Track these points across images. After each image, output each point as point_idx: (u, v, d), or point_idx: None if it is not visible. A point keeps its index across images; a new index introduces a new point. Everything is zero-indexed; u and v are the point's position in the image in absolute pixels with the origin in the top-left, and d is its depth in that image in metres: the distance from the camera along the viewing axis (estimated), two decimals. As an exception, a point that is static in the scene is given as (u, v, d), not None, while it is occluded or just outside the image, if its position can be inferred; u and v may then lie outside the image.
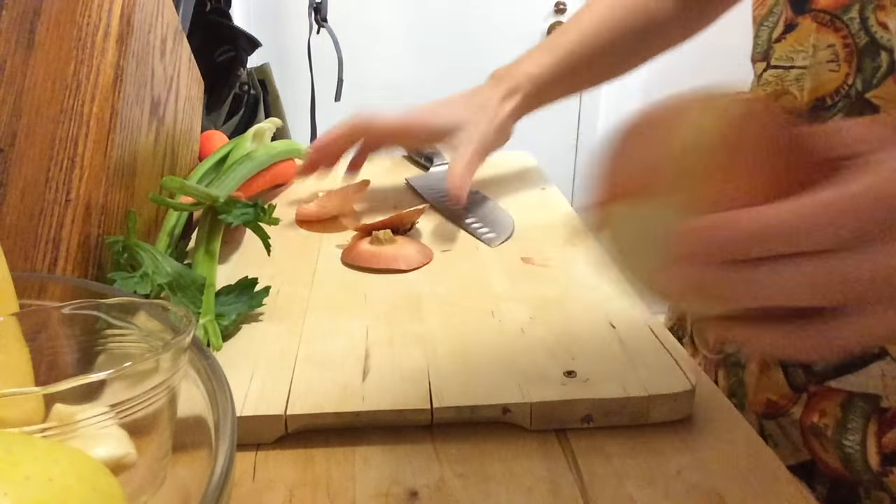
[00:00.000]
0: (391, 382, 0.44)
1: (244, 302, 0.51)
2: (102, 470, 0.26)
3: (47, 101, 0.50)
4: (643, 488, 0.37)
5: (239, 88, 1.21)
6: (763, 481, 0.38)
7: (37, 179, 0.49)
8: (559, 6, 2.14)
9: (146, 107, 0.60)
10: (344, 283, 0.57)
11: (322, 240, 0.66)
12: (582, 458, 0.40)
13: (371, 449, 0.40)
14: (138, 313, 0.35)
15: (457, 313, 0.52)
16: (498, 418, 0.42)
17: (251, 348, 0.48)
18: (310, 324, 0.51)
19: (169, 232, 0.61)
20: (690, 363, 0.46)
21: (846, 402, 0.50)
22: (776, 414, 0.55)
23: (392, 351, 0.47)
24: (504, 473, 0.39)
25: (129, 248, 0.52)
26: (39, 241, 0.47)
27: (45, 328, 0.34)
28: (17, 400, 0.29)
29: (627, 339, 0.48)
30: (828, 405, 0.51)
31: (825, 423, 0.51)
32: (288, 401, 0.42)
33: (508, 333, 0.49)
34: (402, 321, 0.51)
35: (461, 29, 2.11)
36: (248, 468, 0.39)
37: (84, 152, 0.50)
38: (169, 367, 0.30)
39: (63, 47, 0.52)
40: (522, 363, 0.45)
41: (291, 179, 0.83)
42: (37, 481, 0.23)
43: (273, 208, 0.58)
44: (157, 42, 0.62)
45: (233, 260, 0.62)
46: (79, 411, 0.28)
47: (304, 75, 1.66)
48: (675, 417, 0.42)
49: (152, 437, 0.31)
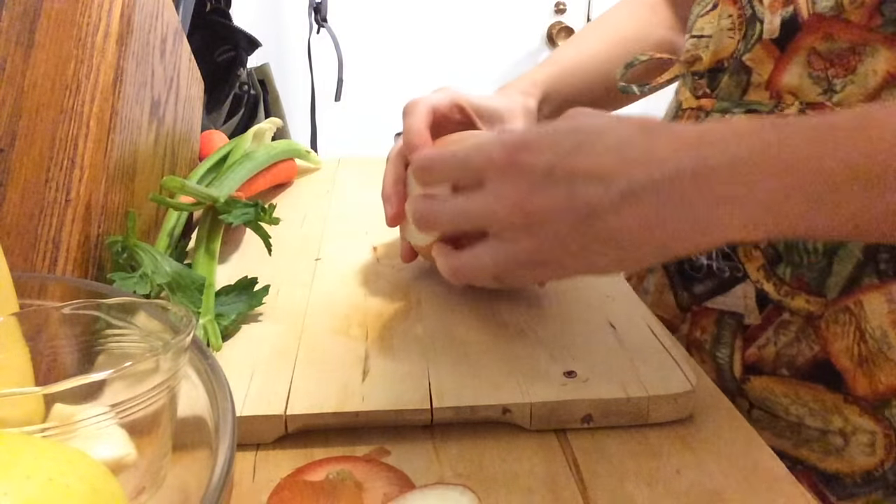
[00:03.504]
0: (391, 382, 0.44)
1: (244, 302, 0.51)
2: (102, 470, 0.26)
3: (47, 101, 0.50)
4: (643, 488, 0.37)
5: (239, 88, 1.21)
6: (763, 481, 0.38)
7: (37, 179, 0.49)
8: (559, 6, 2.14)
9: (146, 107, 0.60)
10: (344, 283, 0.57)
11: (322, 239, 0.66)
12: (582, 458, 0.40)
13: (371, 449, 0.40)
14: (138, 313, 0.35)
15: (456, 313, 0.52)
16: (498, 418, 0.42)
17: (251, 348, 0.48)
18: (310, 324, 0.51)
19: (169, 232, 0.61)
20: (691, 364, 0.46)
21: (719, 319, 0.58)
22: (671, 330, 0.59)
23: (392, 351, 0.47)
24: (504, 473, 0.39)
25: (128, 248, 0.52)
26: (39, 241, 0.47)
27: (45, 328, 0.34)
28: (17, 400, 0.29)
29: (627, 339, 0.48)
30: (706, 322, 0.59)
31: (704, 339, 0.59)
32: (288, 401, 0.42)
33: (508, 333, 0.49)
34: (402, 321, 0.51)
35: (461, 29, 2.11)
36: (248, 468, 0.39)
37: (84, 152, 0.50)
38: (169, 367, 0.30)
39: (63, 47, 0.52)
40: (522, 363, 0.45)
41: (292, 179, 0.83)
42: (37, 481, 0.23)
43: (273, 208, 0.58)
44: (157, 42, 0.62)
45: (233, 260, 0.62)
46: (79, 411, 0.28)
47: (304, 75, 1.66)
48: (675, 418, 0.42)
49: (152, 437, 0.31)
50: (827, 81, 0.52)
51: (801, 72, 0.53)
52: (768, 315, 0.56)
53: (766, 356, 0.57)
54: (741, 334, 0.58)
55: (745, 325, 0.58)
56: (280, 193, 0.80)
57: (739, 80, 0.57)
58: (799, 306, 0.55)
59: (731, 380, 0.58)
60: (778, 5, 0.54)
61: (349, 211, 0.74)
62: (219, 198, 0.58)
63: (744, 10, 0.57)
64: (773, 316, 0.56)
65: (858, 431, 0.54)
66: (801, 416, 0.55)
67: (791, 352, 0.56)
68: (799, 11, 0.53)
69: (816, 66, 0.53)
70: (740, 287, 0.57)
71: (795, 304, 0.55)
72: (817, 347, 0.55)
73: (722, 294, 0.58)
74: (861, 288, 0.53)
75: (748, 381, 0.57)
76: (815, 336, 0.55)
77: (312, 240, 0.67)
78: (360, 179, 0.84)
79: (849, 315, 0.53)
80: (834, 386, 0.54)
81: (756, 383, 0.57)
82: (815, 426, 0.55)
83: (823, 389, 0.55)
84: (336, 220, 0.72)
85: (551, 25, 2.12)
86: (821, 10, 0.51)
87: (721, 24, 0.59)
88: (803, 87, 0.54)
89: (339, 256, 0.63)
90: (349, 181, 0.84)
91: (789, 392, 0.56)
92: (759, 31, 0.55)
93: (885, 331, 0.52)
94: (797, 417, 0.55)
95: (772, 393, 0.56)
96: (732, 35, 0.58)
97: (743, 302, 0.57)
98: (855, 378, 0.54)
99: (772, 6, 0.54)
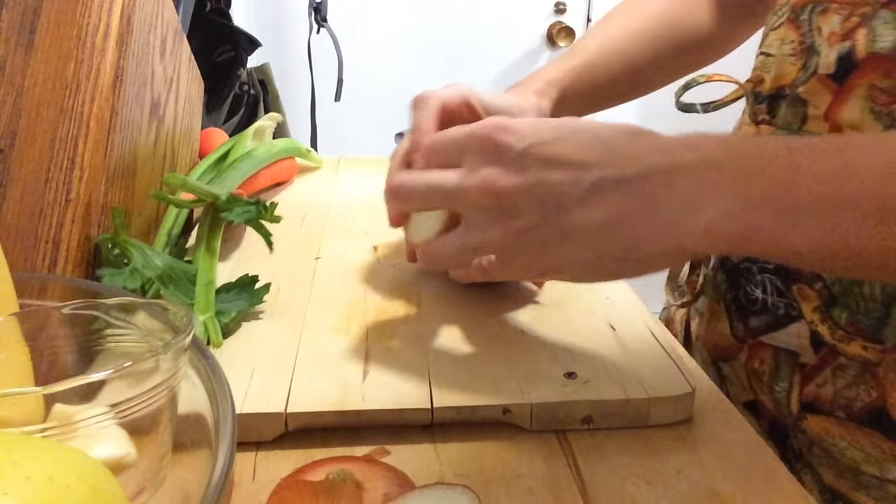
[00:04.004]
0: (391, 382, 0.44)
1: (244, 299, 0.51)
2: (102, 470, 0.26)
3: (47, 101, 0.50)
4: (643, 488, 0.37)
5: (239, 88, 1.21)
6: (763, 481, 0.38)
7: (37, 179, 0.49)
8: (559, 6, 2.14)
9: (146, 107, 0.60)
10: (344, 282, 0.57)
11: (322, 238, 0.66)
12: (582, 458, 0.40)
13: (371, 449, 0.40)
14: (138, 313, 0.35)
15: (457, 313, 0.52)
16: (498, 418, 0.42)
17: (251, 346, 0.48)
18: (310, 322, 0.51)
19: (167, 231, 0.61)
20: (691, 365, 0.46)
21: (776, 353, 0.56)
22: (727, 357, 0.60)
23: (392, 351, 0.47)
24: (504, 473, 0.39)
25: (118, 245, 0.52)
26: (39, 241, 0.47)
27: (45, 328, 0.34)
28: (17, 400, 0.29)
29: (628, 340, 0.48)
30: (764, 355, 0.57)
31: (763, 370, 0.57)
32: (288, 399, 0.42)
33: (508, 334, 0.49)
34: (403, 321, 0.51)
35: (461, 29, 2.11)
36: (248, 468, 0.39)
37: (84, 152, 0.50)
38: (169, 367, 0.30)
39: (63, 47, 0.52)
40: (523, 364, 0.45)
41: (292, 177, 0.83)
42: (37, 481, 0.23)
43: (274, 206, 0.58)
44: (157, 42, 0.62)
45: (233, 257, 0.62)
46: (79, 411, 0.28)
47: (304, 75, 1.66)
48: (674, 420, 0.42)
49: (152, 437, 0.31)
50: (891, 118, 0.50)
51: (862, 106, 0.51)
52: (824, 357, 0.54)
53: (824, 396, 0.54)
54: (800, 370, 0.55)
55: (801, 364, 0.55)
56: (280, 192, 0.80)
57: (797, 112, 0.54)
58: (855, 352, 0.52)
59: (789, 415, 0.55)
60: (836, 39, 0.51)
61: (349, 210, 0.74)
62: (220, 195, 0.58)
63: (805, 38, 0.54)
64: (830, 358, 0.54)
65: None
66: (858, 461, 0.53)
67: (850, 394, 0.53)
68: (856, 48, 0.50)
69: (879, 100, 0.50)
70: (795, 326, 0.55)
71: (851, 349, 0.52)
72: (875, 394, 0.52)
73: (776, 331, 0.56)
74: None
75: (805, 419, 0.55)
76: (874, 382, 0.52)
77: (313, 238, 0.67)
78: (360, 179, 0.84)
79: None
80: (891, 434, 0.52)
81: (813, 422, 0.54)
82: (872, 473, 0.53)
83: (881, 437, 0.52)
84: (336, 218, 0.72)
85: (551, 25, 2.12)
86: (878, 50, 0.49)
87: (783, 49, 0.56)
88: (865, 123, 0.51)
89: (340, 255, 0.63)
90: (349, 181, 0.84)
91: (846, 435, 0.53)
92: (815, 64, 0.53)
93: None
94: (853, 462, 0.53)
95: (828, 434, 0.54)
96: (794, 62, 0.55)
97: (797, 341, 0.55)
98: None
99: (830, 38, 0.52)
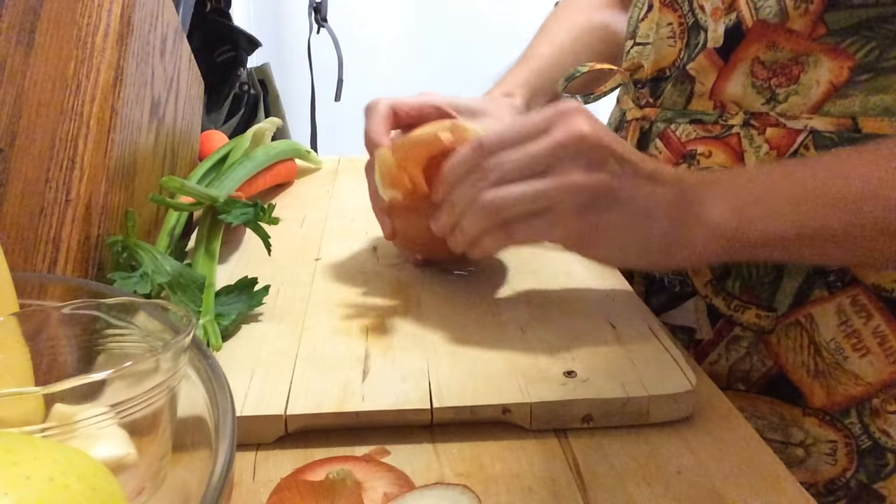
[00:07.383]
0: (391, 382, 0.44)
1: (244, 301, 0.51)
2: (102, 470, 0.26)
3: (47, 101, 0.50)
4: (643, 488, 0.37)
5: (239, 88, 1.21)
6: (763, 481, 0.38)
7: (37, 179, 0.49)
8: (559, 6, 2.14)
9: (146, 107, 0.60)
10: (344, 283, 0.57)
11: (322, 239, 0.66)
12: (582, 458, 0.40)
13: (371, 449, 0.40)
14: (138, 313, 0.35)
15: (456, 313, 0.52)
16: (498, 418, 0.42)
17: (251, 348, 0.48)
18: (310, 324, 0.51)
19: (169, 232, 0.61)
20: (691, 363, 0.46)
21: (672, 332, 0.57)
22: None
23: (392, 351, 0.47)
24: (504, 473, 0.39)
25: (128, 248, 0.52)
26: (39, 241, 0.47)
27: (45, 328, 0.34)
28: (17, 400, 0.29)
29: (627, 339, 0.48)
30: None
31: None
32: (288, 401, 0.42)
33: (508, 333, 0.49)
34: (402, 321, 0.51)
35: (461, 29, 2.11)
36: (248, 468, 0.39)
37: (84, 152, 0.50)
38: (169, 367, 0.30)
39: (63, 47, 0.52)
40: (522, 363, 0.45)
41: (292, 179, 0.83)
42: (37, 481, 0.23)
43: (273, 208, 0.58)
44: (157, 42, 0.62)
45: (233, 260, 0.62)
46: (79, 411, 0.28)
47: (304, 75, 1.66)
48: (675, 417, 0.42)
49: (152, 437, 0.31)
50: (770, 91, 0.53)
51: (744, 81, 0.54)
52: (719, 330, 0.57)
53: (718, 372, 0.57)
54: (693, 350, 0.58)
55: (697, 341, 0.58)
56: (280, 193, 0.80)
57: (683, 90, 0.57)
58: (749, 320, 0.55)
59: None
60: (721, 13, 0.54)
61: (349, 211, 0.74)
62: (218, 198, 0.58)
63: (685, 18, 0.57)
64: (725, 331, 0.57)
65: (819, 442, 0.54)
66: (761, 430, 0.55)
67: (744, 367, 0.56)
68: (743, 19, 0.52)
69: (760, 75, 0.53)
70: (691, 301, 0.58)
71: (746, 318, 0.55)
72: (770, 362, 0.55)
73: (673, 309, 0.59)
74: (811, 301, 0.53)
75: None
76: (767, 351, 0.55)
77: (312, 240, 0.67)
78: (360, 179, 0.83)
79: (800, 329, 0.53)
80: (791, 399, 0.54)
81: None
82: (776, 439, 0.55)
83: (781, 403, 0.55)
84: (336, 220, 0.72)
85: (551, 25, 2.12)
86: (765, 17, 0.51)
87: (660, 33, 0.59)
88: (747, 97, 0.54)
89: (339, 256, 0.63)
90: (349, 181, 0.84)
91: (747, 406, 0.56)
92: (702, 40, 0.55)
93: (839, 343, 0.52)
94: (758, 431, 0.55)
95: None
96: (673, 43, 0.58)
97: (694, 316, 0.57)
98: (812, 391, 0.54)
99: (714, 14, 0.54)
